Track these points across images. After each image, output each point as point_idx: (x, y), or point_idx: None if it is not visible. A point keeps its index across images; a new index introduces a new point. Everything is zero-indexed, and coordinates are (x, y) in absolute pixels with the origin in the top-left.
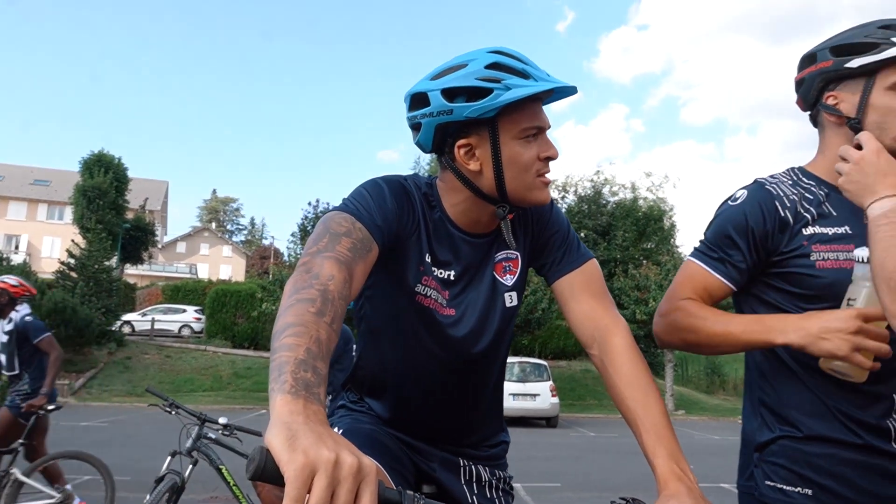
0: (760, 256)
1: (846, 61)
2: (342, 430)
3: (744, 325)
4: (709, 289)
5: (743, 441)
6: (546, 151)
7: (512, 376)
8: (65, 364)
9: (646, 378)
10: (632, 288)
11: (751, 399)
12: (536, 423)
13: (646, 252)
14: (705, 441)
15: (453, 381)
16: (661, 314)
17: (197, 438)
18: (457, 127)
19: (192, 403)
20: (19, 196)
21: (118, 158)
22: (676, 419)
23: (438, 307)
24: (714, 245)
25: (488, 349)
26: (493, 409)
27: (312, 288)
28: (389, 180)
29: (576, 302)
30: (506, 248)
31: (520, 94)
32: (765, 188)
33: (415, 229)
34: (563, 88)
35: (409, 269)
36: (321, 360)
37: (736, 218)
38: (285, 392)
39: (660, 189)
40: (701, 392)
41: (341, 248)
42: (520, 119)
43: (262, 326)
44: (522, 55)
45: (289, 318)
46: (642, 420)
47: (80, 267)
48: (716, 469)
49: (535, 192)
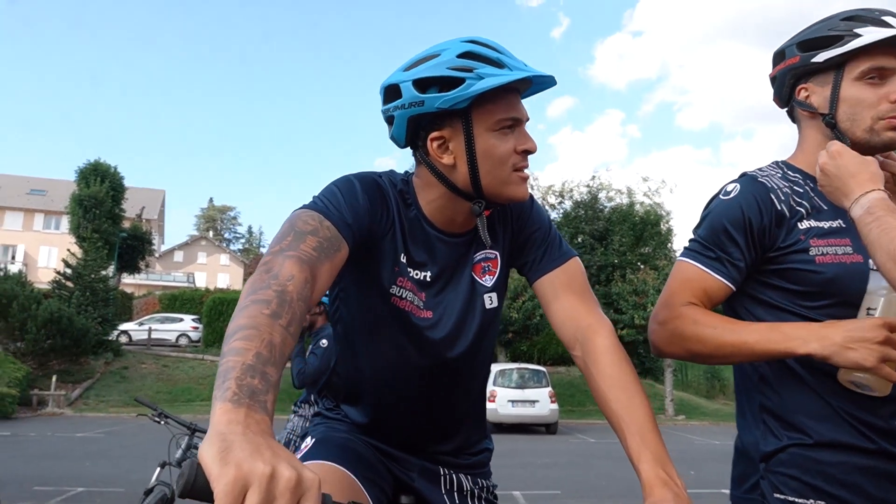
0: (758, 253)
1: (812, 56)
2: (315, 440)
3: (759, 334)
4: (708, 291)
5: (740, 450)
6: (523, 144)
7: (511, 383)
8: (61, 374)
9: (630, 379)
10: (629, 293)
11: (750, 405)
12: (536, 430)
13: (643, 257)
14: (706, 446)
15: (431, 386)
16: (659, 322)
17: (187, 449)
18: (429, 119)
19: (190, 413)
20: (16, 206)
21: (114, 167)
22: (677, 424)
23: (415, 309)
24: (709, 243)
25: (467, 352)
26: (475, 415)
27: (269, 289)
28: (362, 177)
29: (557, 302)
30: (485, 248)
31: (493, 84)
32: (758, 181)
33: (389, 228)
34: (542, 80)
35: (383, 270)
36: (272, 365)
37: (731, 212)
38: (226, 400)
39: (656, 194)
40: (701, 397)
41: (305, 248)
42: (494, 110)
43: None
44: (498, 44)
45: (241, 321)
46: (626, 423)
47: (76, 276)
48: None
49: (512, 187)
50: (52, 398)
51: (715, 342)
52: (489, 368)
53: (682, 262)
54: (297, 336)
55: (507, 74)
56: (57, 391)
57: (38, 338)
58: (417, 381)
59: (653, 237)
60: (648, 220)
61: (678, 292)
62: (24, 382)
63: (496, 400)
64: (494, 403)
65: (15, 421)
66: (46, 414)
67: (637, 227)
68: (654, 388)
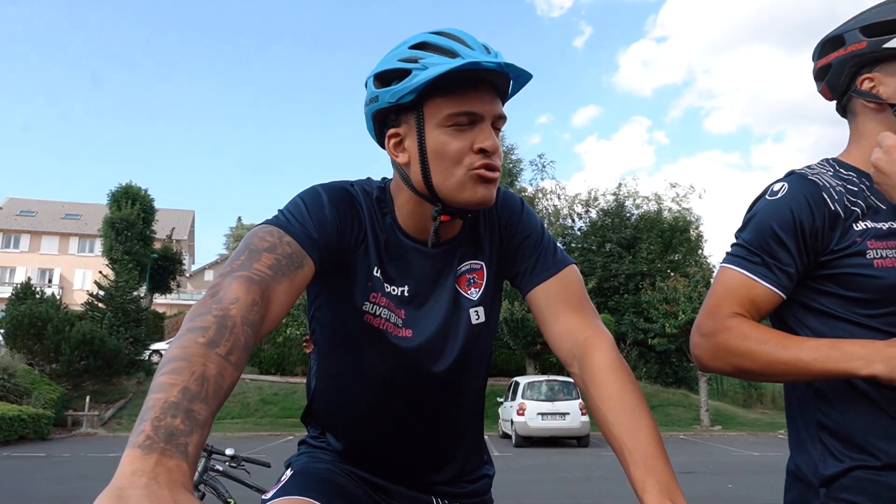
0: (810, 257)
1: (884, 41)
2: (293, 472)
3: (816, 352)
4: (756, 301)
5: (794, 473)
6: (480, 142)
7: (540, 395)
8: (93, 395)
9: (633, 398)
10: (660, 301)
11: (805, 422)
12: (567, 443)
13: (673, 264)
14: (744, 458)
15: (416, 410)
16: (703, 334)
17: (204, 471)
18: (389, 115)
19: (221, 431)
20: (52, 230)
21: (145, 190)
22: (713, 435)
23: (391, 327)
24: (755, 248)
25: (452, 372)
26: (470, 439)
27: (209, 314)
28: (330, 187)
29: (552, 315)
30: (470, 259)
31: (432, 74)
32: (808, 179)
33: (361, 241)
34: (517, 74)
35: (356, 287)
36: (201, 401)
37: (781, 214)
38: (135, 446)
39: (685, 200)
40: (738, 406)
41: (259, 266)
42: (444, 104)
43: (287, 352)
44: (467, 35)
45: (172, 352)
46: (629, 448)
47: (109, 298)
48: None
49: (469, 189)
50: (86, 419)
51: (766, 359)
52: (483, 387)
53: (725, 269)
54: (240, 365)
55: (450, 63)
56: (90, 412)
57: (71, 359)
58: (400, 406)
59: (682, 244)
60: (677, 227)
61: (723, 302)
62: (59, 403)
63: (525, 413)
64: (524, 416)
65: (50, 442)
66: (81, 434)
67: (666, 234)
68: (688, 398)
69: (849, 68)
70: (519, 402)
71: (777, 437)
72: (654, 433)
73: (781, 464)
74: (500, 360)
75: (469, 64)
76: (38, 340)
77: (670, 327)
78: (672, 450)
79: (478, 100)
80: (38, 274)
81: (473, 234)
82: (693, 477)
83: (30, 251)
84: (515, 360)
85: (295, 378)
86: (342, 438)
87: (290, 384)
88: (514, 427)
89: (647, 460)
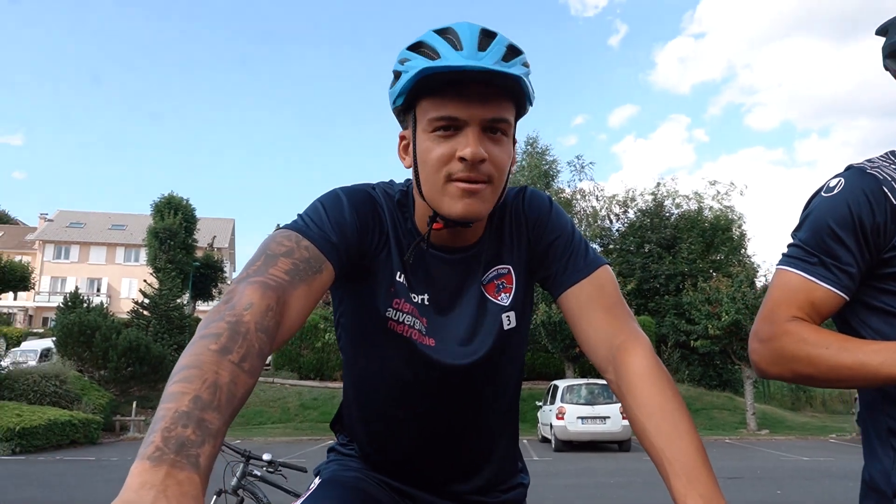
0: (872, 255)
1: None
2: (321, 480)
3: (883, 355)
4: (816, 303)
5: (868, 483)
6: (461, 150)
7: (580, 399)
8: (140, 400)
9: (673, 406)
10: (702, 302)
11: (876, 429)
12: (608, 448)
13: (715, 264)
14: (794, 463)
15: (445, 419)
16: (761, 339)
17: (242, 476)
18: (398, 117)
19: (262, 436)
20: (99, 241)
21: (186, 199)
22: (760, 440)
23: (416, 335)
24: (812, 247)
25: (480, 379)
26: (503, 447)
27: (222, 320)
28: (351, 190)
29: (585, 318)
30: (496, 264)
31: (406, 78)
32: (867, 173)
33: (383, 246)
34: (503, 77)
35: (378, 292)
36: (213, 409)
37: (838, 211)
38: (144, 458)
39: (726, 198)
40: (786, 409)
41: (275, 272)
42: (429, 108)
43: (326, 357)
44: (466, 30)
45: (184, 360)
46: (670, 458)
47: (153, 306)
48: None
49: (448, 199)
50: (133, 423)
51: (828, 364)
52: (516, 393)
53: (782, 271)
54: (255, 372)
55: (421, 65)
56: (137, 416)
57: (118, 366)
58: (429, 413)
59: (724, 243)
60: (718, 226)
61: (782, 305)
62: (108, 409)
63: (565, 417)
64: (563, 420)
65: (99, 446)
66: (128, 439)
67: (707, 234)
68: (733, 401)
69: None
70: (558, 405)
71: (828, 442)
72: (696, 441)
73: (833, 469)
74: (539, 364)
75: (438, 68)
76: (87, 348)
77: (713, 328)
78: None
79: (461, 104)
80: (86, 283)
81: (498, 237)
82: (739, 482)
83: (79, 261)
84: (554, 364)
85: (334, 383)
86: (370, 446)
87: (329, 389)
88: (554, 431)
89: (689, 471)
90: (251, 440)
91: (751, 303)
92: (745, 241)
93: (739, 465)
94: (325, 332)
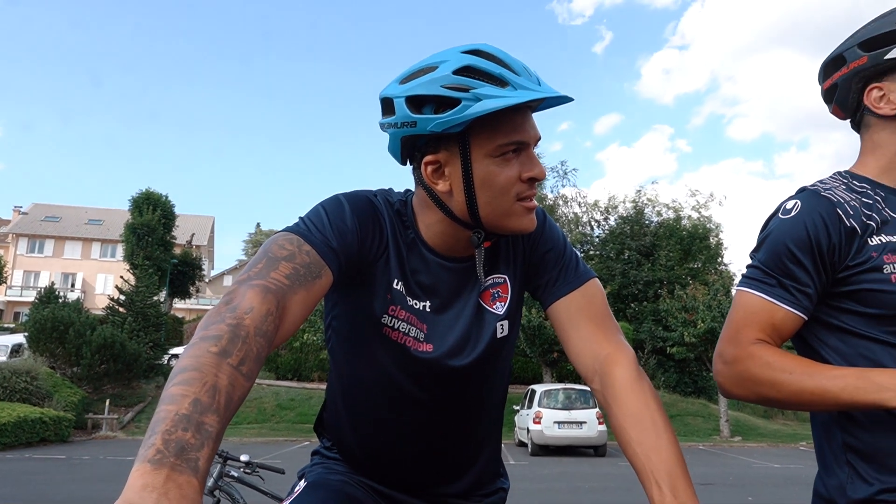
0: (828, 275)
1: (884, 53)
2: (306, 483)
3: (844, 382)
4: (777, 325)
5: (821, 495)
6: (529, 171)
7: (557, 403)
8: (113, 398)
9: (656, 416)
10: (679, 309)
11: (829, 443)
12: (584, 452)
13: (692, 272)
14: (765, 470)
15: (433, 423)
16: (726, 361)
17: (219, 477)
18: (425, 140)
19: (237, 436)
20: (75, 235)
21: (165, 196)
22: (733, 446)
23: (411, 341)
24: (771, 269)
25: (473, 386)
26: (488, 452)
27: (223, 322)
28: (353, 196)
29: (573, 329)
30: (493, 273)
31: (491, 107)
32: (821, 195)
33: (382, 252)
34: (554, 97)
35: (375, 299)
36: (213, 412)
37: (795, 233)
38: (145, 460)
39: (705, 207)
40: (758, 417)
41: (276, 275)
42: (495, 134)
43: (304, 357)
44: (504, 54)
45: (184, 361)
46: (651, 468)
47: (129, 303)
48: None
49: (515, 218)
50: (106, 422)
51: (791, 389)
52: (503, 399)
53: (743, 293)
54: (252, 376)
55: (510, 96)
56: (110, 415)
57: (92, 363)
58: (419, 418)
59: (702, 251)
60: (696, 235)
61: (743, 328)
62: (80, 406)
63: (542, 421)
64: (540, 425)
65: (70, 444)
66: (100, 437)
67: (685, 242)
68: (707, 408)
69: (855, 84)
70: (535, 410)
71: (799, 449)
72: (678, 453)
73: (803, 476)
74: (517, 368)
75: (530, 98)
76: (60, 344)
77: (689, 336)
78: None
79: (524, 127)
80: (61, 278)
81: (495, 248)
82: (712, 489)
83: (54, 256)
84: (532, 368)
85: (311, 384)
86: (356, 449)
87: (306, 390)
88: (531, 435)
89: (671, 480)
90: (226, 440)
91: (726, 311)
92: (722, 251)
93: (712, 471)
94: (303, 332)
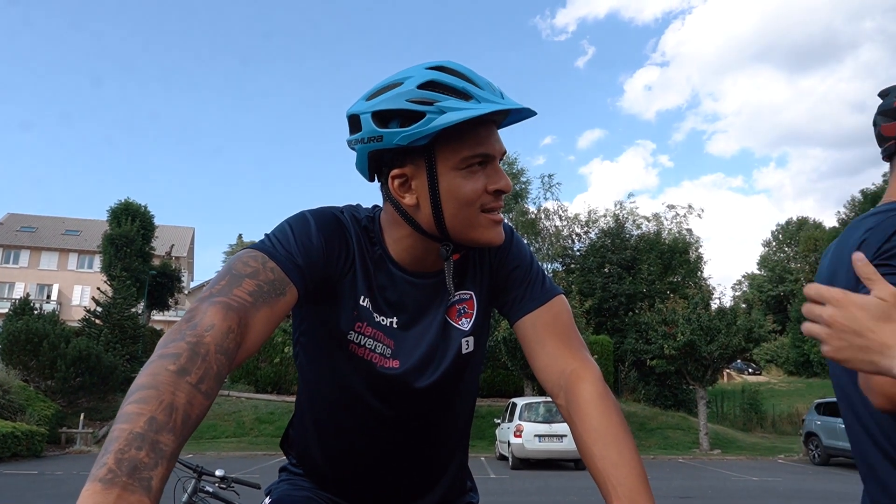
0: None
1: None
2: (272, 500)
3: None
4: None
5: None
6: (495, 184)
7: (537, 417)
8: (88, 412)
9: (619, 432)
10: (659, 322)
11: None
12: (564, 466)
13: (672, 285)
14: (743, 483)
15: (400, 439)
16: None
17: (193, 493)
18: (391, 155)
19: (215, 450)
20: (51, 246)
21: (144, 206)
22: (712, 459)
23: (377, 358)
24: None
25: (440, 402)
26: (455, 467)
27: (182, 340)
28: (319, 213)
29: (539, 345)
30: (460, 289)
31: (454, 119)
32: None
33: (349, 269)
34: (518, 109)
35: (341, 315)
36: (169, 431)
37: None
38: (96, 479)
39: (684, 220)
40: (737, 430)
41: (239, 293)
42: (460, 147)
43: (284, 370)
44: (468, 70)
45: (141, 379)
46: (614, 483)
47: (106, 314)
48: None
49: (482, 230)
50: (80, 436)
51: None
52: (470, 413)
53: None
54: (211, 394)
55: (473, 108)
56: (85, 429)
57: (67, 376)
58: (385, 434)
59: (682, 265)
60: (677, 248)
61: None
62: (54, 420)
63: (522, 435)
64: (520, 438)
65: (43, 459)
66: (74, 452)
67: (665, 255)
68: (687, 421)
69: None
70: (516, 423)
71: (777, 462)
72: (640, 468)
73: (779, 489)
74: (498, 381)
75: (493, 110)
76: (35, 356)
77: (669, 349)
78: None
79: (489, 140)
80: (36, 289)
81: (463, 264)
82: (690, 503)
83: (29, 267)
84: (513, 381)
85: (291, 397)
86: (323, 464)
87: (286, 403)
88: (511, 449)
89: (632, 496)
90: (203, 454)
91: (705, 324)
92: (702, 264)
93: (692, 484)
94: (283, 345)
